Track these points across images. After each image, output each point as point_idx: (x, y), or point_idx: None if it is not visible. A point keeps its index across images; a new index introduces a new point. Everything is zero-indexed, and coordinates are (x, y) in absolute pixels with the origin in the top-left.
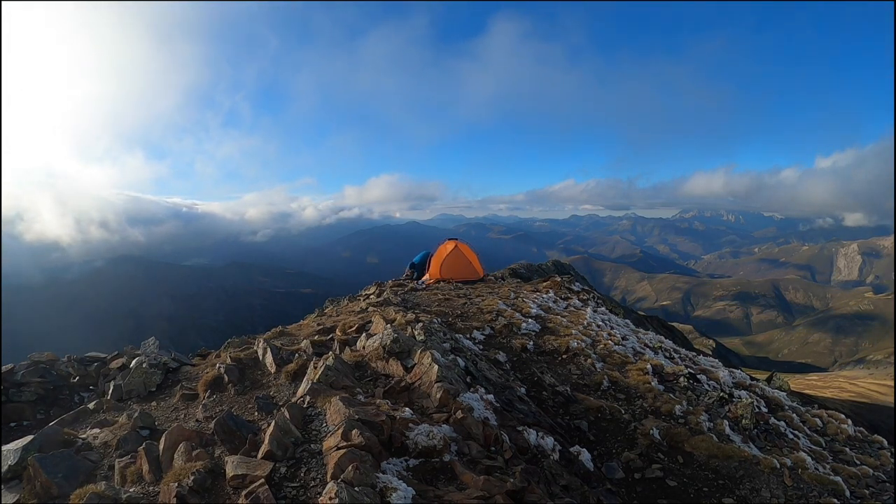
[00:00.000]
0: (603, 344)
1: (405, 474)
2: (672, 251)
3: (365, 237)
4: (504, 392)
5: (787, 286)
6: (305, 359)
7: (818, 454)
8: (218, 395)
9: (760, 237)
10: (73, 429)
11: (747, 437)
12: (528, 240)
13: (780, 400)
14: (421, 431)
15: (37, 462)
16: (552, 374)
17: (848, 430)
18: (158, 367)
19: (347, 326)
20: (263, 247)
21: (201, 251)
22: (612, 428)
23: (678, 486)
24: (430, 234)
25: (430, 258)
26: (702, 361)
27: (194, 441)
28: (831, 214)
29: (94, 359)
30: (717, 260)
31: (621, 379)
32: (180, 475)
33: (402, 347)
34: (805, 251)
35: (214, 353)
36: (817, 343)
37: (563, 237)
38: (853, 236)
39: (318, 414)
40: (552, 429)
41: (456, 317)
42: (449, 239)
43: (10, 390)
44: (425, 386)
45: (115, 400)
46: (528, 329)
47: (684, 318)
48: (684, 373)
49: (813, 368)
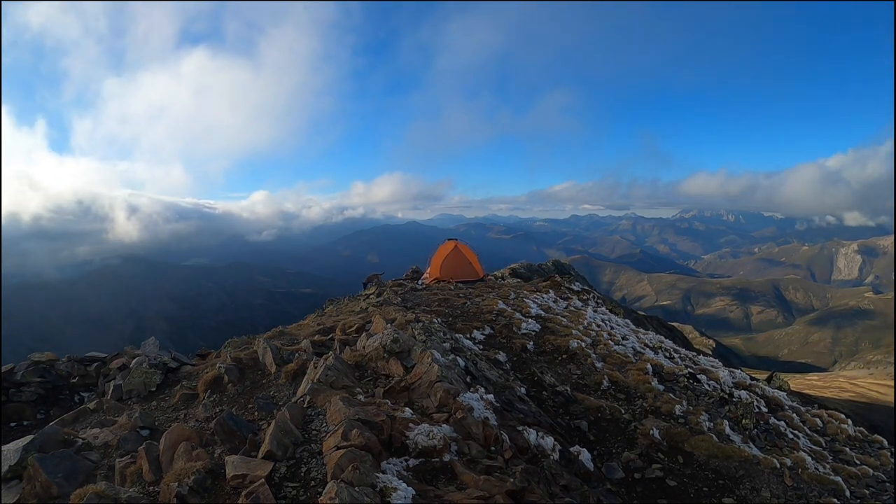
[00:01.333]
0: (603, 344)
1: (405, 474)
2: (672, 251)
3: (366, 237)
4: (504, 392)
5: (786, 286)
6: (305, 359)
7: (818, 454)
8: (218, 394)
9: (760, 237)
10: (74, 429)
11: (747, 436)
12: (528, 240)
13: (780, 400)
14: (421, 431)
15: (37, 462)
16: (552, 374)
17: (848, 430)
18: (158, 367)
19: (347, 326)
20: (265, 246)
21: (201, 251)
22: (612, 428)
23: (678, 486)
24: (430, 233)
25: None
26: (702, 361)
27: (194, 441)
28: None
29: (94, 359)
30: (717, 260)
31: (621, 379)
32: (180, 475)
33: (402, 347)
34: (805, 251)
35: (214, 353)
36: (817, 343)
37: (563, 237)
38: (853, 236)
39: (318, 414)
40: (552, 429)
41: (456, 317)
42: (449, 239)
43: (10, 390)
44: (425, 386)
45: (115, 400)
46: (528, 329)
47: (684, 318)
48: (684, 373)
49: (813, 368)
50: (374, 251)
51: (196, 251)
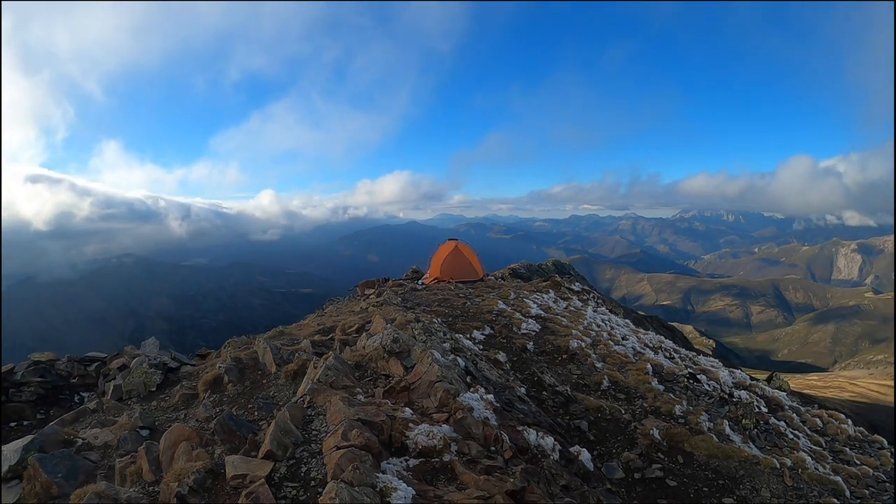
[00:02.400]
0: (603, 344)
1: (405, 474)
2: (672, 251)
3: (366, 237)
4: (504, 392)
5: (787, 286)
6: (305, 358)
7: (818, 454)
8: (218, 394)
9: (760, 237)
10: (74, 429)
11: (747, 436)
12: (528, 240)
13: (780, 400)
14: (421, 431)
15: (37, 462)
16: (552, 374)
17: (848, 430)
18: (158, 367)
19: (347, 326)
20: (265, 246)
21: (201, 251)
22: (612, 428)
23: (678, 486)
24: (430, 233)
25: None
26: (702, 361)
27: (194, 441)
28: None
29: (94, 359)
30: (717, 260)
31: (621, 379)
32: (180, 475)
33: (402, 347)
34: (805, 251)
35: (214, 353)
36: (817, 343)
37: (563, 237)
38: (853, 236)
39: (318, 414)
40: (552, 429)
41: (456, 317)
42: (449, 239)
43: (10, 390)
44: (425, 386)
45: (115, 400)
46: (529, 329)
47: (684, 318)
48: (684, 373)
49: (813, 368)
50: (374, 251)
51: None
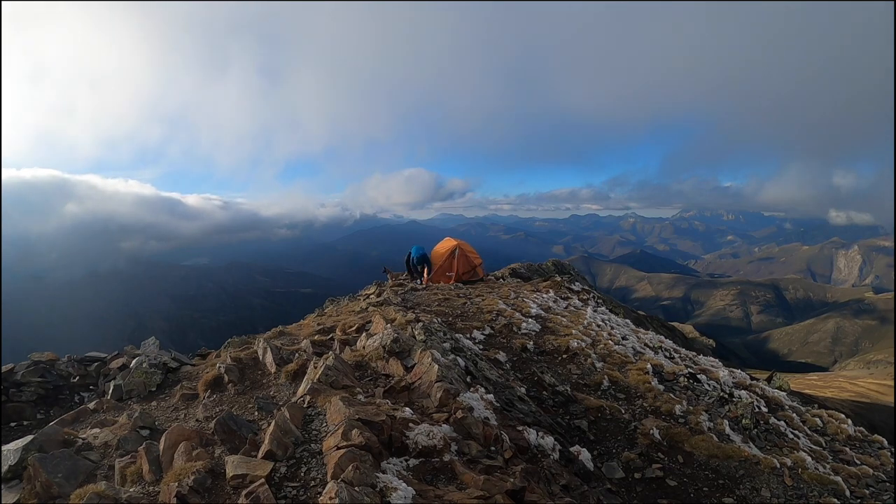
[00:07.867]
0: (603, 344)
1: (405, 474)
2: (672, 251)
3: (366, 236)
4: (504, 392)
5: (787, 286)
6: (305, 358)
7: (818, 454)
8: (218, 394)
9: (760, 237)
10: (74, 429)
11: (747, 436)
12: (528, 240)
13: (780, 399)
14: (421, 431)
15: (37, 462)
16: (552, 374)
17: (848, 429)
18: (158, 367)
19: (347, 326)
20: (265, 246)
21: (202, 251)
22: (612, 427)
23: (678, 486)
24: (430, 233)
25: (421, 257)
26: (702, 361)
27: (194, 441)
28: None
29: (94, 359)
30: (717, 260)
31: (621, 379)
32: (180, 475)
33: (402, 347)
34: (805, 251)
35: (214, 353)
36: (817, 343)
37: (563, 237)
38: (853, 236)
39: (318, 414)
40: (552, 428)
41: (456, 317)
42: (449, 238)
43: (10, 390)
44: (425, 386)
45: (115, 400)
46: (528, 329)
47: (684, 318)
48: (684, 372)
49: (813, 368)
50: (374, 250)
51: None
